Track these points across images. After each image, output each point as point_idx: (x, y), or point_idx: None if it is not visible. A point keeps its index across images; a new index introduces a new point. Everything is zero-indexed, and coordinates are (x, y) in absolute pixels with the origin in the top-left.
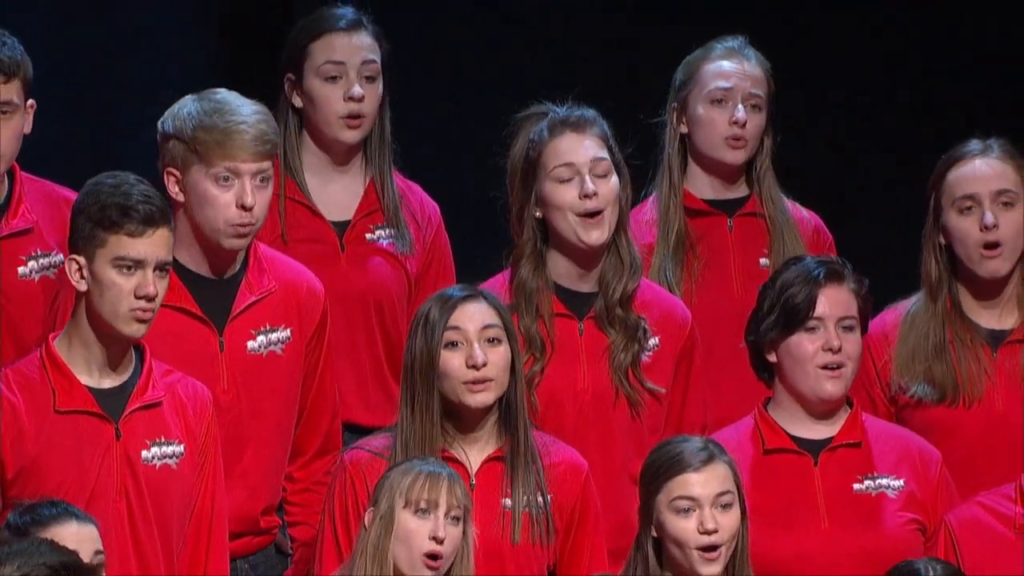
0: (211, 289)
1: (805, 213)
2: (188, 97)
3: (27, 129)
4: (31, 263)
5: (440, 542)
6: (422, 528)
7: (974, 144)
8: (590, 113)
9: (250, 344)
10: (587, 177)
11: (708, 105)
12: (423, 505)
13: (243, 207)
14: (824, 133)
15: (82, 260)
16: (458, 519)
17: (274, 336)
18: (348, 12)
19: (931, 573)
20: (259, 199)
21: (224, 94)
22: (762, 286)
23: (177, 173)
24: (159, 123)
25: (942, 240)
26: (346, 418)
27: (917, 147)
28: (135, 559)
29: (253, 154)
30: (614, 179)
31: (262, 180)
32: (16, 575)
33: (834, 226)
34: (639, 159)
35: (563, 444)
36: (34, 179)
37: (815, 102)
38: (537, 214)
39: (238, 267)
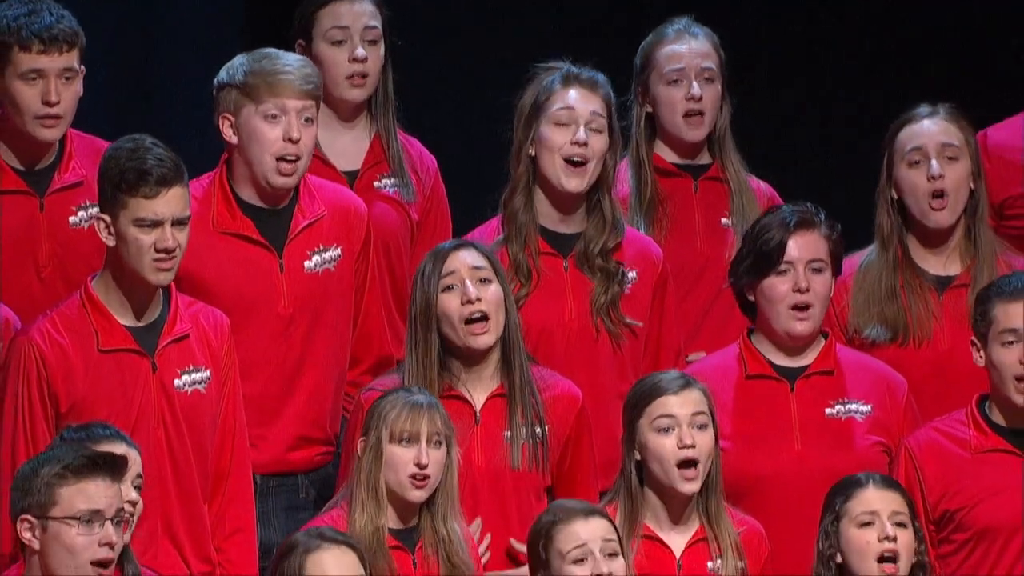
0: (269, 218)
1: (762, 184)
2: (239, 56)
3: (80, 92)
4: (80, 212)
5: (423, 467)
6: (407, 455)
7: (923, 108)
8: (602, 77)
9: (307, 264)
10: (582, 127)
11: (665, 86)
12: (406, 436)
13: (290, 139)
14: (791, 106)
15: (108, 219)
16: (440, 443)
17: (327, 255)
18: None
19: (870, 480)
20: (304, 135)
21: (271, 49)
22: (744, 233)
23: (231, 117)
24: (215, 80)
25: (894, 195)
26: None
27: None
28: (173, 479)
29: (298, 92)
30: (605, 137)
31: (306, 120)
32: (57, 468)
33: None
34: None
35: (560, 376)
36: (82, 136)
37: (781, 75)
38: (531, 152)
39: (291, 197)
